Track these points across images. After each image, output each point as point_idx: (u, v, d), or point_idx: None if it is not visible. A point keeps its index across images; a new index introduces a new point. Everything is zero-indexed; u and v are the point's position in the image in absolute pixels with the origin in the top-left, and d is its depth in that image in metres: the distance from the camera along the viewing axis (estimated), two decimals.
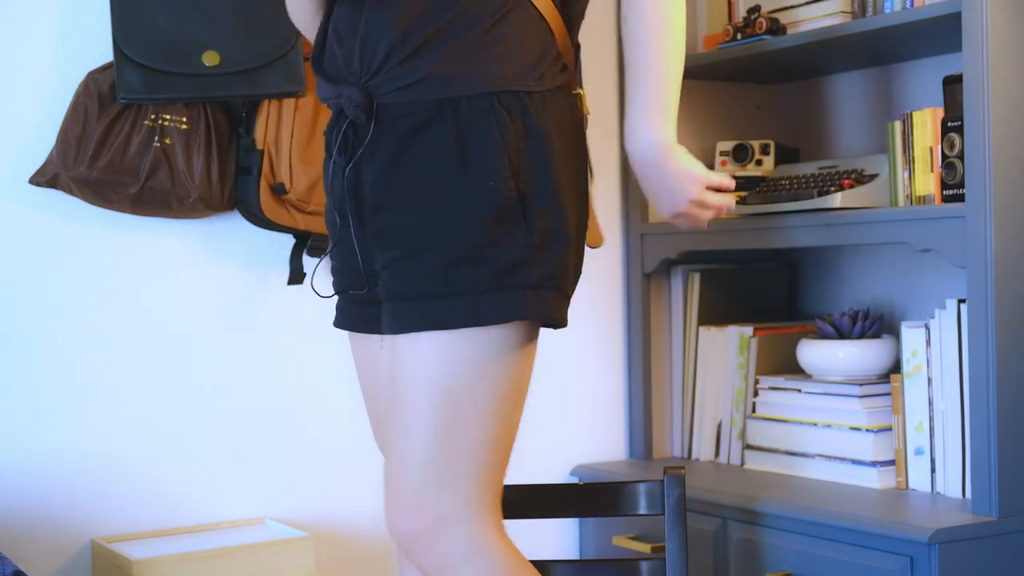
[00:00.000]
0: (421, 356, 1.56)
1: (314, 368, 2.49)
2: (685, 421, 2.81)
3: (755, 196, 2.53)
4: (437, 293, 1.55)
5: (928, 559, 2.05)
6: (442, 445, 1.57)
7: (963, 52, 2.13)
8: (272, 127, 2.31)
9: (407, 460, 1.59)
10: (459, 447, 1.57)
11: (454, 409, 1.56)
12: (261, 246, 2.44)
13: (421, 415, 1.57)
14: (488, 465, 1.59)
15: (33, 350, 2.25)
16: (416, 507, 1.58)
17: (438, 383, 1.56)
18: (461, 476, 1.58)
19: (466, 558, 1.59)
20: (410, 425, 1.58)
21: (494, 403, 1.57)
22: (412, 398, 1.57)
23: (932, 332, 2.32)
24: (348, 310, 1.78)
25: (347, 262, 1.74)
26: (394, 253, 1.59)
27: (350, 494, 2.51)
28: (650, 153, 1.71)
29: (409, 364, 1.57)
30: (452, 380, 1.56)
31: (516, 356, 1.58)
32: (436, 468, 1.58)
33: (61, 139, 2.20)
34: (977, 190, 2.11)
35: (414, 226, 1.57)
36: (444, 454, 1.57)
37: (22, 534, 2.23)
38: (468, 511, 1.59)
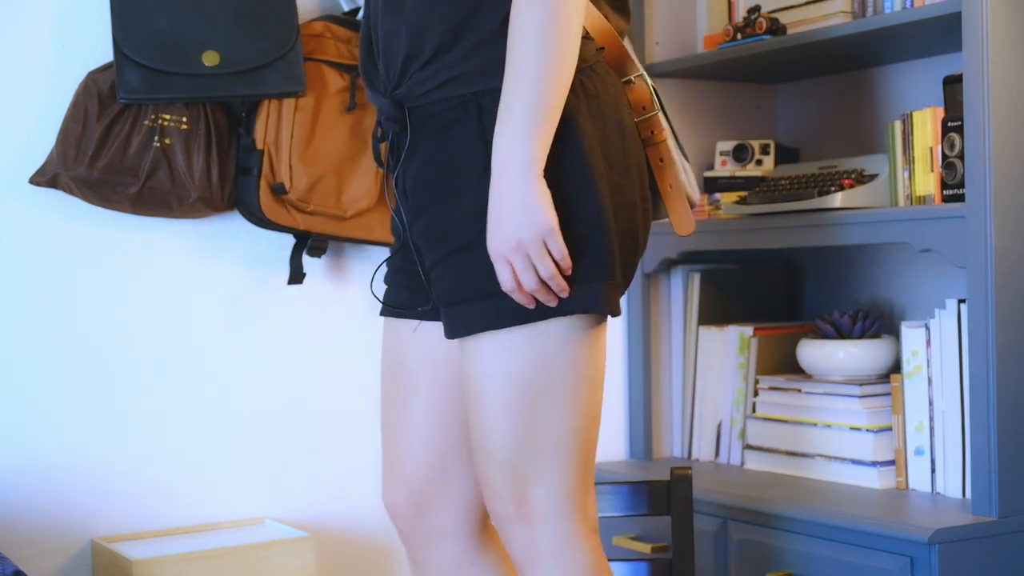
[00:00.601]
0: (484, 356, 1.55)
1: (314, 368, 2.49)
2: (685, 421, 2.81)
3: (755, 196, 2.53)
4: (484, 293, 1.53)
5: (928, 559, 2.05)
6: (524, 443, 1.56)
7: (963, 52, 2.13)
8: (272, 127, 2.31)
9: (493, 459, 1.58)
10: (541, 442, 1.56)
11: (528, 405, 1.55)
12: (261, 246, 2.44)
13: (498, 415, 1.56)
14: (575, 457, 1.59)
15: (33, 350, 2.25)
16: (506, 496, 1.58)
17: (505, 381, 1.55)
18: (549, 471, 1.57)
19: (551, 555, 1.58)
20: (491, 427, 1.57)
21: (566, 394, 1.56)
22: (486, 399, 1.57)
23: (932, 332, 2.32)
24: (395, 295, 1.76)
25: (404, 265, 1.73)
26: (438, 254, 1.59)
27: (350, 494, 2.51)
28: (509, 165, 1.47)
29: (476, 365, 1.57)
30: (518, 377, 1.54)
31: (580, 346, 1.56)
32: (523, 466, 1.57)
33: (61, 139, 2.20)
34: (977, 190, 2.11)
35: (453, 225, 1.56)
36: (528, 452, 1.56)
37: (22, 534, 2.23)
38: (558, 507, 1.58)
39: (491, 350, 1.55)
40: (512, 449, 1.57)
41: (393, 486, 1.75)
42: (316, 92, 2.35)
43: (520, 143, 1.46)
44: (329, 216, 2.36)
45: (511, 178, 1.46)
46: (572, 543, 1.59)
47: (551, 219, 1.47)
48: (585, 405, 1.58)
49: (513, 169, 1.46)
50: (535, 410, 1.55)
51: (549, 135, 1.47)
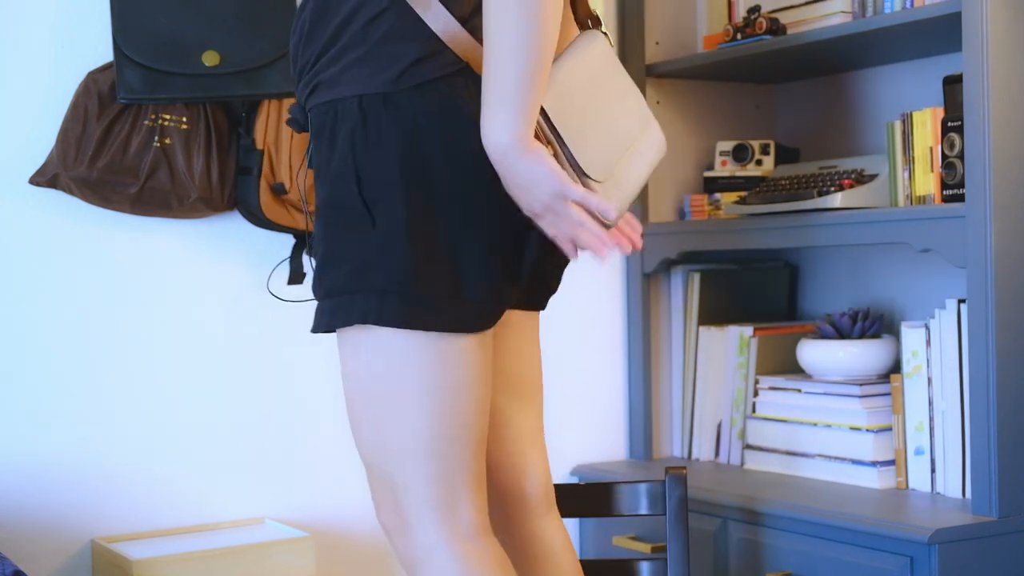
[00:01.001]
0: (345, 354, 1.62)
1: (314, 368, 2.49)
2: (685, 421, 2.81)
3: (755, 196, 2.53)
4: (320, 295, 1.61)
5: (928, 559, 2.05)
6: (377, 450, 1.61)
7: (963, 52, 2.13)
8: (272, 127, 2.31)
9: (364, 461, 1.64)
10: (390, 448, 1.59)
11: (371, 411, 1.59)
12: (261, 246, 2.44)
13: (352, 418, 1.63)
14: (432, 465, 1.58)
15: (33, 350, 2.25)
16: (385, 505, 1.63)
17: (350, 383, 1.62)
18: (407, 478, 1.59)
19: (420, 562, 1.59)
20: (355, 423, 1.63)
21: (408, 403, 1.57)
22: (349, 396, 1.63)
23: (932, 332, 2.32)
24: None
25: None
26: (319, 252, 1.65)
27: (350, 494, 2.51)
28: (496, 153, 1.53)
29: (343, 361, 1.64)
30: (355, 381, 1.61)
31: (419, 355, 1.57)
32: (382, 469, 1.61)
33: (61, 139, 2.20)
34: (977, 190, 2.11)
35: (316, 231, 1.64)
36: (379, 456, 1.61)
37: (22, 534, 2.23)
38: (420, 515, 1.59)
39: (340, 351, 1.63)
40: (366, 449, 1.62)
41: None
42: None
43: (505, 131, 1.52)
44: None
45: (509, 163, 1.53)
46: (438, 551, 1.58)
47: (554, 183, 1.53)
48: (437, 412, 1.57)
49: (506, 158, 1.53)
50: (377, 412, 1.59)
51: (531, 114, 1.52)
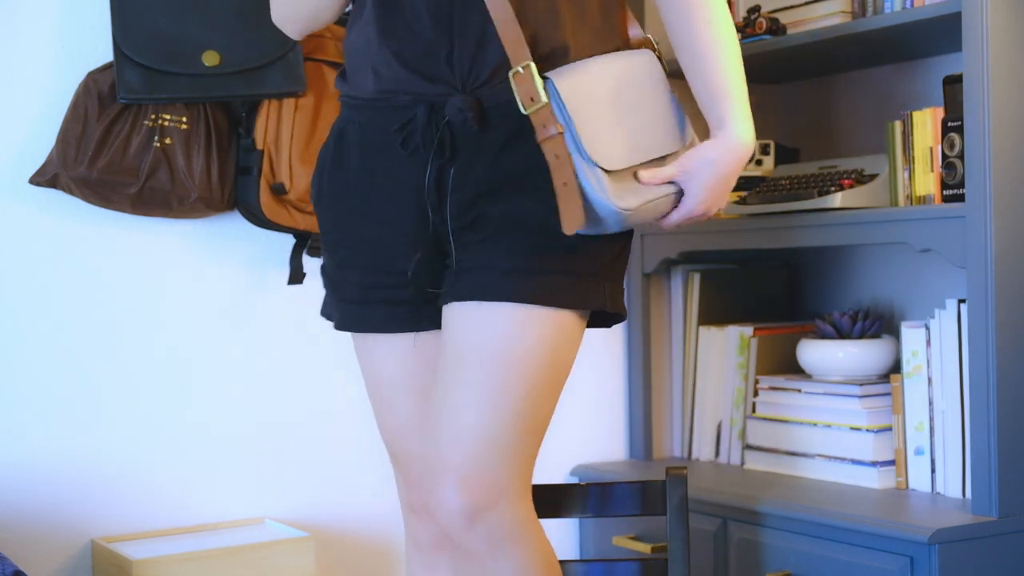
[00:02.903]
0: (513, 327, 1.59)
1: (314, 368, 2.49)
2: (685, 421, 2.81)
3: (755, 196, 2.53)
4: (544, 270, 1.61)
5: (928, 559, 2.05)
6: (515, 418, 1.59)
7: (963, 52, 2.13)
8: (272, 127, 2.31)
9: (472, 431, 1.59)
10: (528, 423, 1.60)
11: (534, 386, 1.60)
12: (261, 246, 2.44)
13: (501, 387, 1.58)
14: (537, 446, 1.64)
15: (33, 350, 2.25)
16: (475, 481, 1.58)
17: (530, 359, 1.59)
18: (522, 452, 1.60)
19: (514, 537, 1.60)
20: (486, 395, 1.59)
21: (558, 387, 1.64)
22: (495, 367, 1.59)
23: (932, 332, 2.32)
24: (368, 312, 1.75)
25: (384, 262, 1.71)
26: (499, 233, 1.63)
27: (350, 494, 2.51)
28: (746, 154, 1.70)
29: (498, 333, 1.59)
30: (541, 359, 1.60)
31: (577, 345, 1.67)
32: (503, 441, 1.59)
33: (61, 139, 2.20)
34: (977, 190, 2.11)
35: (524, 212, 1.62)
36: (513, 427, 1.59)
37: (22, 534, 2.23)
38: (520, 489, 1.61)
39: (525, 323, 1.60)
40: (502, 418, 1.59)
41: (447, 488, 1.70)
42: (316, 92, 2.35)
43: (752, 133, 1.70)
44: None
45: (739, 163, 1.69)
46: (531, 525, 1.62)
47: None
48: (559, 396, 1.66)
49: (744, 156, 1.69)
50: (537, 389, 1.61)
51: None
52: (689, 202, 1.68)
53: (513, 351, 1.59)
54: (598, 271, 1.65)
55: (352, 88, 1.73)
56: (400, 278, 1.70)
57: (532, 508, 1.64)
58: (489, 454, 1.58)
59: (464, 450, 1.59)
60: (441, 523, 1.61)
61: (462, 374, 1.60)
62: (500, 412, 1.59)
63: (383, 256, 1.71)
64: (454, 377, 1.61)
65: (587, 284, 1.64)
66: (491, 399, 1.58)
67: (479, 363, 1.59)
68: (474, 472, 1.58)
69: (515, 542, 1.60)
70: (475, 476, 1.58)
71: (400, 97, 1.66)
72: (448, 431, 1.60)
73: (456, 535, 1.60)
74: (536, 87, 1.58)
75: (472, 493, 1.58)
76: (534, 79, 1.58)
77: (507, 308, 1.59)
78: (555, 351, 1.61)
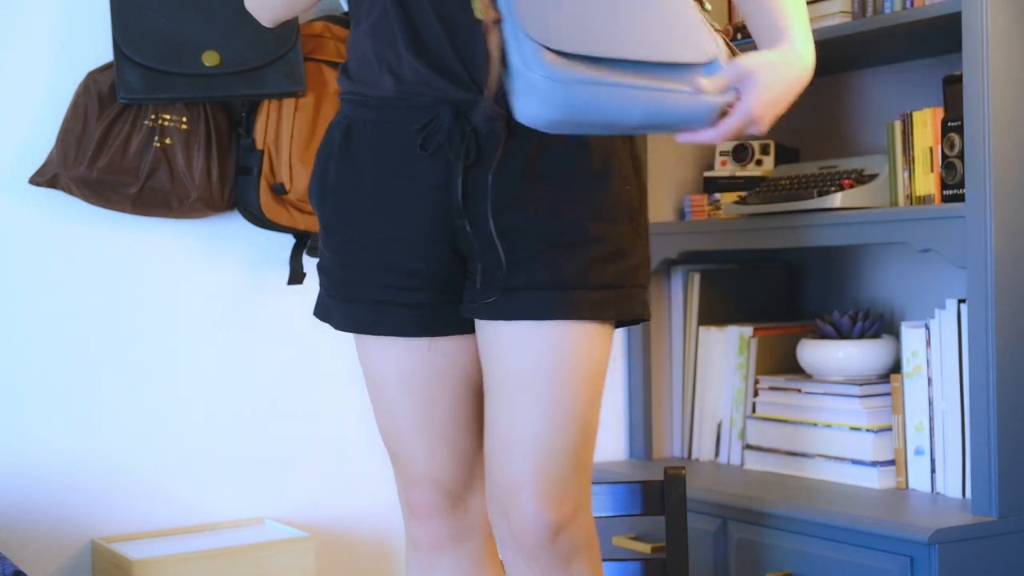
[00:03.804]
0: (570, 343, 1.61)
1: (314, 368, 2.49)
2: (685, 421, 2.81)
3: (755, 196, 2.53)
4: (590, 284, 1.61)
5: (928, 559, 2.05)
6: (583, 432, 1.64)
7: (963, 52, 2.13)
8: (272, 127, 2.31)
9: (546, 448, 1.61)
10: (590, 433, 1.65)
11: (592, 399, 1.64)
12: (261, 246, 2.44)
13: (571, 402, 1.62)
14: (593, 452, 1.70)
15: (33, 350, 2.25)
16: (559, 495, 1.61)
17: (588, 372, 1.63)
18: (588, 463, 1.66)
19: (588, 544, 1.65)
20: (565, 413, 1.62)
21: (602, 393, 1.68)
22: (564, 386, 1.61)
23: (932, 332, 2.32)
24: (383, 314, 1.70)
25: (401, 263, 1.67)
26: (533, 248, 1.62)
27: (350, 494, 2.51)
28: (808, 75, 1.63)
29: (558, 351, 1.61)
30: (592, 370, 1.63)
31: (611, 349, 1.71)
32: (574, 454, 1.63)
33: (61, 139, 2.20)
34: (977, 190, 2.11)
35: (560, 223, 1.61)
36: (580, 439, 1.63)
37: (22, 534, 2.23)
38: (589, 499, 1.67)
39: (578, 339, 1.61)
40: (577, 434, 1.62)
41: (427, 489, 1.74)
42: (316, 92, 2.35)
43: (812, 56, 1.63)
44: None
45: (802, 77, 1.61)
46: (593, 534, 1.67)
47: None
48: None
49: (806, 74, 1.62)
50: (594, 402, 1.64)
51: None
52: (747, 102, 1.54)
53: (573, 367, 1.61)
54: (637, 280, 1.67)
55: (363, 86, 1.68)
56: (418, 280, 1.66)
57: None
58: (566, 468, 1.62)
59: (543, 467, 1.61)
60: (523, 539, 1.62)
61: (526, 394, 1.62)
62: (568, 427, 1.61)
63: (400, 256, 1.67)
64: (517, 398, 1.63)
65: (630, 292, 1.66)
66: (559, 415, 1.61)
67: (542, 382, 1.61)
68: (557, 488, 1.61)
69: (588, 550, 1.65)
70: (559, 491, 1.61)
71: (422, 98, 1.63)
72: (521, 449, 1.62)
73: (536, 550, 1.62)
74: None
75: (558, 508, 1.61)
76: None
77: (562, 326, 1.61)
78: (604, 360, 1.66)
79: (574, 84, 1.46)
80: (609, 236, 1.63)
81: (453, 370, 1.70)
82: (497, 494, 1.65)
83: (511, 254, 1.61)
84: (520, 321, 1.61)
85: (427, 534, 1.75)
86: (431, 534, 1.75)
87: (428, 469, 1.72)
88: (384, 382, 1.74)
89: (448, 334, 1.69)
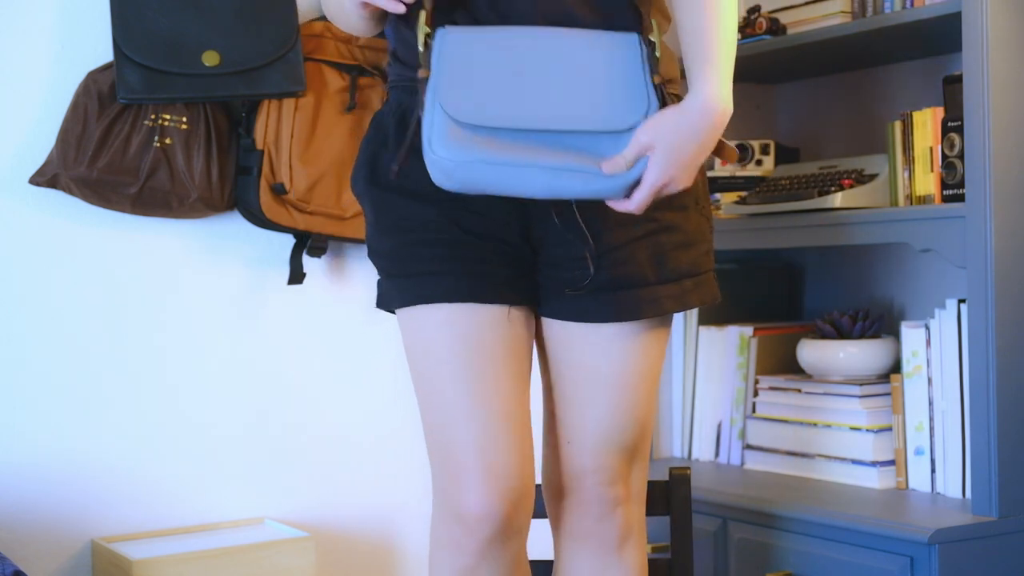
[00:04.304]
0: (645, 348, 1.70)
1: (314, 368, 2.49)
2: (685, 421, 2.81)
3: (755, 196, 2.53)
4: (668, 277, 1.66)
5: (928, 559, 2.05)
6: (644, 429, 1.75)
7: (963, 52, 2.13)
8: (272, 127, 2.31)
9: (621, 445, 1.73)
10: (649, 430, 1.77)
11: (654, 398, 1.76)
12: (261, 246, 2.44)
13: (637, 405, 1.72)
14: None
15: (33, 350, 2.25)
16: (623, 478, 1.74)
17: (654, 373, 1.73)
18: (647, 454, 1.78)
19: (640, 532, 1.78)
20: (631, 415, 1.72)
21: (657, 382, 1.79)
22: (634, 391, 1.71)
23: (932, 332, 2.32)
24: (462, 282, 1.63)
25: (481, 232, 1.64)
26: (610, 239, 1.64)
27: (350, 494, 2.51)
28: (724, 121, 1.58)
29: (633, 358, 1.69)
30: (658, 369, 1.74)
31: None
32: (641, 448, 1.75)
33: (61, 139, 2.20)
34: (977, 190, 2.11)
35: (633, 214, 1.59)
36: (643, 436, 1.75)
37: (22, 534, 2.23)
38: (644, 490, 1.79)
39: (655, 334, 1.70)
40: (644, 427, 1.74)
41: (488, 486, 1.61)
42: (316, 92, 2.35)
43: (726, 101, 1.57)
44: (329, 216, 2.36)
45: (711, 129, 1.56)
46: (644, 522, 1.80)
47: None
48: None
49: (717, 123, 1.56)
50: (656, 394, 1.77)
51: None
52: (653, 172, 1.53)
53: (645, 370, 1.72)
54: (709, 265, 1.72)
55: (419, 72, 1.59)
56: (490, 254, 1.64)
57: None
58: (627, 459, 1.74)
59: (608, 460, 1.73)
60: (584, 514, 1.75)
61: (601, 394, 1.71)
62: (634, 426, 1.73)
63: (472, 236, 1.63)
64: (591, 397, 1.71)
65: (706, 278, 1.71)
66: (626, 417, 1.72)
67: (615, 388, 1.71)
68: (618, 473, 1.73)
69: (639, 537, 1.77)
70: (619, 475, 1.74)
71: None
72: (590, 445, 1.73)
73: (594, 525, 1.74)
74: (419, 33, 1.54)
75: (618, 488, 1.73)
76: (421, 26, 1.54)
77: (643, 325, 1.68)
78: (664, 353, 1.76)
79: (474, 164, 1.49)
80: (680, 224, 1.66)
81: (523, 342, 1.69)
82: (560, 478, 1.76)
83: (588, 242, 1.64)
84: (608, 324, 1.67)
85: (476, 537, 1.62)
86: (481, 536, 1.62)
87: (489, 457, 1.61)
88: (445, 356, 1.64)
89: (522, 304, 1.68)
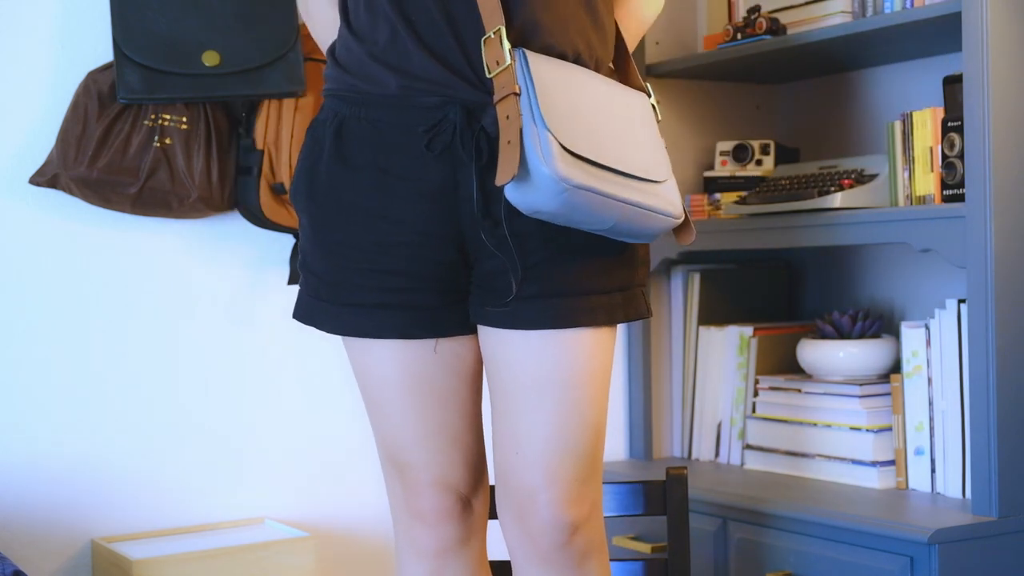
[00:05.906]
0: (585, 349, 1.64)
1: (314, 368, 2.49)
2: (685, 421, 2.81)
3: (755, 196, 2.53)
4: (601, 289, 1.63)
5: (928, 559, 2.05)
6: (596, 435, 1.67)
7: (963, 52, 2.13)
8: (272, 127, 2.31)
9: (564, 451, 1.64)
10: (601, 436, 1.69)
11: (603, 402, 1.68)
12: (261, 246, 2.44)
13: (587, 406, 1.65)
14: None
15: (33, 350, 2.25)
16: (579, 496, 1.64)
17: (600, 375, 1.67)
18: (600, 463, 1.69)
19: (600, 544, 1.68)
20: (581, 417, 1.65)
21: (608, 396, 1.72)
22: (579, 389, 1.64)
23: (932, 332, 2.32)
24: (385, 318, 1.66)
25: (404, 265, 1.64)
26: (541, 252, 1.62)
27: (350, 494, 2.51)
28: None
29: (573, 357, 1.63)
30: (603, 374, 1.67)
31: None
32: (593, 456, 1.66)
33: (61, 139, 2.20)
34: (977, 190, 2.11)
35: (571, 233, 1.61)
36: (593, 442, 1.67)
37: (22, 534, 2.23)
38: (601, 499, 1.70)
39: (592, 344, 1.64)
40: (595, 438, 1.66)
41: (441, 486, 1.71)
42: (316, 92, 2.35)
43: None
44: None
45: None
46: (604, 531, 1.70)
47: None
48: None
49: None
50: (605, 404, 1.69)
51: None
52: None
53: (588, 373, 1.64)
54: (641, 279, 1.69)
55: (360, 82, 1.64)
56: (420, 281, 1.64)
57: None
58: (581, 470, 1.64)
59: (560, 471, 1.63)
60: (540, 541, 1.65)
61: (542, 400, 1.63)
62: (583, 431, 1.64)
63: (401, 258, 1.64)
64: (533, 404, 1.64)
65: (636, 293, 1.68)
66: (575, 420, 1.63)
67: (558, 388, 1.63)
68: (574, 489, 1.64)
69: (599, 551, 1.68)
70: (575, 493, 1.64)
71: (427, 97, 1.61)
72: (537, 454, 1.64)
73: (551, 551, 1.64)
74: (503, 50, 1.54)
75: (575, 509, 1.63)
76: (502, 43, 1.54)
77: (577, 333, 1.63)
78: (611, 361, 1.70)
79: (576, 189, 1.51)
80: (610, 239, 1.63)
81: (463, 369, 1.70)
82: (512, 498, 1.66)
83: (521, 258, 1.61)
84: (538, 330, 1.62)
85: (436, 539, 1.72)
86: (440, 539, 1.72)
87: (440, 473, 1.70)
88: (387, 386, 1.70)
89: (454, 334, 1.68)
